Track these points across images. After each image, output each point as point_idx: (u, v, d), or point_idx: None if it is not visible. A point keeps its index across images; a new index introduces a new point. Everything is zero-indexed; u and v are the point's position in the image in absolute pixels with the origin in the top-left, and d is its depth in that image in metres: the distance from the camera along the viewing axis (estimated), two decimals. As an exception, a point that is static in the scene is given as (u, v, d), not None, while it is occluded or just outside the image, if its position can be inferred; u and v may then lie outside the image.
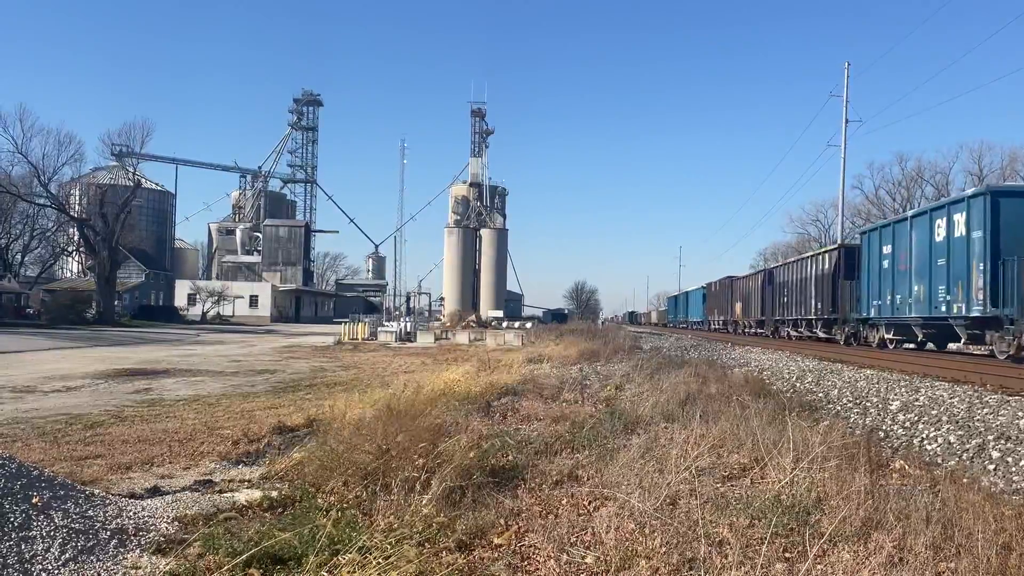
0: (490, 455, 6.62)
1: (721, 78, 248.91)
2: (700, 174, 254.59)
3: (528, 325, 63.43)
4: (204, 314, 75.10)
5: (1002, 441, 7.83)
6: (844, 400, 12.04)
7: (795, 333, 32.97)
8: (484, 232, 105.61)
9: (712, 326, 54.79)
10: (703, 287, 59.87)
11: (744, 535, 4.65)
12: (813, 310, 29.65)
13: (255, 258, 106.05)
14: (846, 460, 6.03)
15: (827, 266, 27.98)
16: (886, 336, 22.59)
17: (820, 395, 12.93)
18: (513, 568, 4.34)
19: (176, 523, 5.00)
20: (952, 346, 21.74)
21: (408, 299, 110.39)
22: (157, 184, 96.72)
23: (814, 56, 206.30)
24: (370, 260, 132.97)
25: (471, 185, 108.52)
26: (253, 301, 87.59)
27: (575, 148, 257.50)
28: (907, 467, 6.76)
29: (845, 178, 45.51)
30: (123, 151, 69.97)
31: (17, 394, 12.97)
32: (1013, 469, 6.99)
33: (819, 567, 4.16)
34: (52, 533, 4.30)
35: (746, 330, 42.63)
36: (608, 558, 4.33)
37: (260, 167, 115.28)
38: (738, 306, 44.27)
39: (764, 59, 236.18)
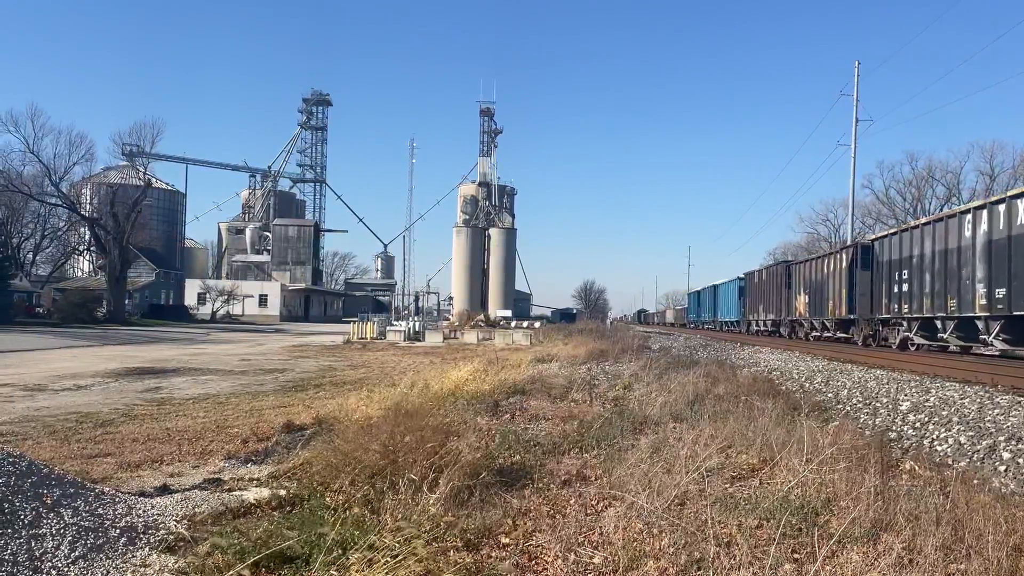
0: (498, 454, 6.63)
1: (730, 77, 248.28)
2: (709, 174, 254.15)
3: (536, 325, 63.28)
4: (214, 313, 75.38)
5: (1013, 442, 7.78)
6: (854, 400, 11.98)
7: (922, 341, 20.97)
8: (493, 231, 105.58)
9: (754, 327, 42.34)
10: (739, 277, 47.28)
11: (753, 536, 4.63)
12: (991, 304, 16.53)
13: (264, 257, 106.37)
14: (856, 461, 6.01)
15: None
16: None
17: (830, 395, 12.87)
18: (521, 567, 4.34)
19: (185, 521, 5.02)
20: None
21: (417, 298, 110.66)
22: (167, 184, 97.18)
23: (824, 55, 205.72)
24: (379, 259, 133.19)
25: (480, 184, 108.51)
26: (262, 300, 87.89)
27: (584, 147, 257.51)
28: (917, 468, 6.72)
29: (855, 177, 45.24)
30: (133, 150, 70.26)
31: (28, 392, 13.05)
32: (1024, 470, 6.93)
33: (828, 568, 4.14)
34: (62, 531, 4.32)
35: (814, 334, 30.88)
36: (616, 558, 4.32)
37: (270, 167, 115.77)
38: (801, 300, 32.45)
39: (774, 58, 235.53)
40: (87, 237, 69.01)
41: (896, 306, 22.22)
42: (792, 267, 35.59)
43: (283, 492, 5.67)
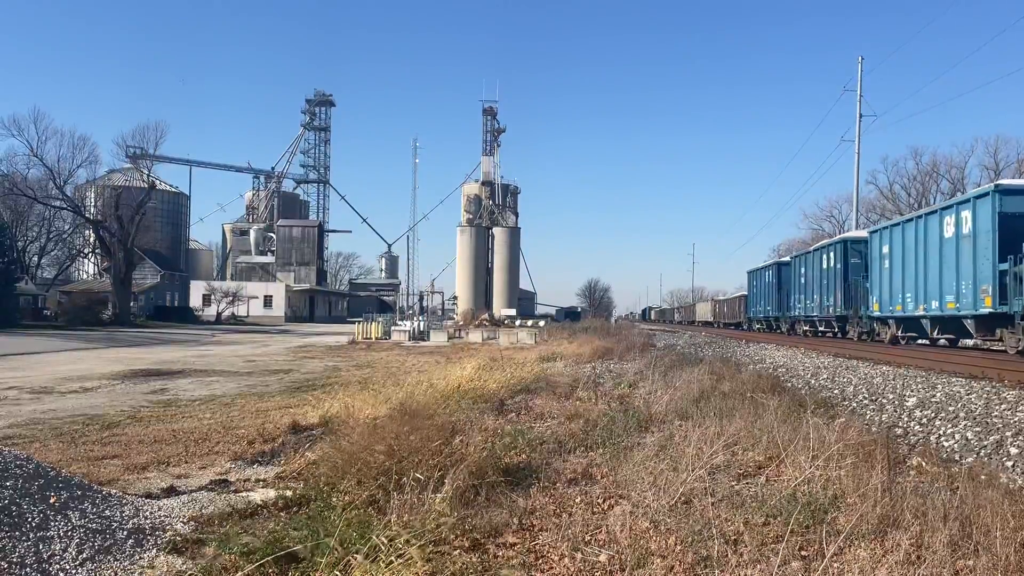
0: (503, 454, 6.62)
1: (733, 75, 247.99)
2: (713, 171, 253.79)
3: (541, 323, 63.27)
4: (219, 314, 75.50)
5: (1020, 437, 7.75)
6: (860, 397, 11.95)
7: None
8: (496, 231, 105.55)
9: None
10: (957, 201, 19.12)
11: (759, 533, 4.62)
12: None
13: (269, 258, 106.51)
14: (862, 457, 5.99)
15: None
16: None
17: (835, 392, 12.84)
18: (527, 566, 4.33)
19: (192, 523, 5.03)
20: None
21: (421, 298, 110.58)
22: (171, 186, 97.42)
23: (827, 51, 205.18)
24: (383, 259, 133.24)
25: (483, 184, 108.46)
26: (267, 301, 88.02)
27: (587, 146, 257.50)
28: (924, 464, 6.70)
29: (859, 173, 45.15)
30: (137, 153, 70.54)
31: (35, 395, 13.08)
32: (1032, 466, 6.90)
33: (835, 565, 4.12)
34: (69, 533, 4.33)
35: None
36: (623, 557, 4.32)
37: (273, 168, 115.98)
38: None
39: (777, 56, 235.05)
40: (92, 240, 69.16)
41: None
42: None
43: (289, 493, 5.68)
